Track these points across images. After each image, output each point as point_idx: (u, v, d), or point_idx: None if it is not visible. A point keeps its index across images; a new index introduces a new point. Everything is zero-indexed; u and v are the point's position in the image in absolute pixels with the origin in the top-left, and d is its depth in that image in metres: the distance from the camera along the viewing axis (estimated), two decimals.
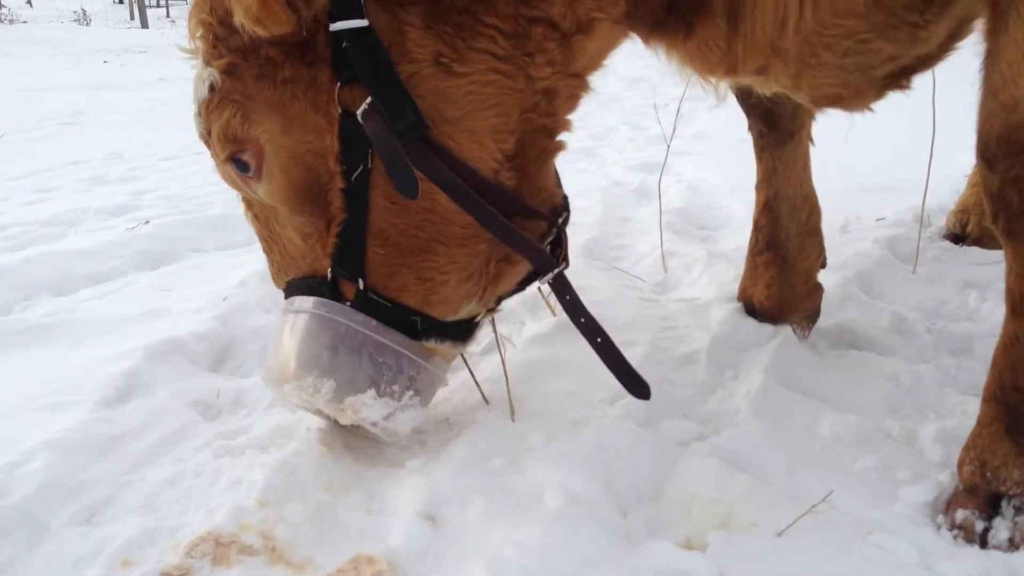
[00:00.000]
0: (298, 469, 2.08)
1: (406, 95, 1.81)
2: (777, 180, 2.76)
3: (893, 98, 2.31)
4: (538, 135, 1.97)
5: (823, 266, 2.94)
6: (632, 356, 2.53)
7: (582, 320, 2.05)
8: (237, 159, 1.95)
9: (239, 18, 1.76)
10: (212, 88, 1.90)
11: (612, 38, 2.01)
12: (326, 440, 2.23)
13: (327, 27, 1.80)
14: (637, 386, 2.06)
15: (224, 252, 4.00)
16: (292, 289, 2.10)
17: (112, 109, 9.09)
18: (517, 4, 1.81)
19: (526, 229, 1.99)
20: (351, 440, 2.26)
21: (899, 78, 2.16)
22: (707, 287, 3.23)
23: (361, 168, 1.88)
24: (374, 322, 2.00)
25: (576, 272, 3.39)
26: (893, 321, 2.82)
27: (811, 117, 2.77)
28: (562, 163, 2.22)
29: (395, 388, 2.05)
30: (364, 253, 1.96)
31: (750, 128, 2.78)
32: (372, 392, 2.03)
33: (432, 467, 2.09)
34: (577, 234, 3.94)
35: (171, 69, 13.15)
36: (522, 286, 2.20)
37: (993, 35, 1.75)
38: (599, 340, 2.04)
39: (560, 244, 2.14)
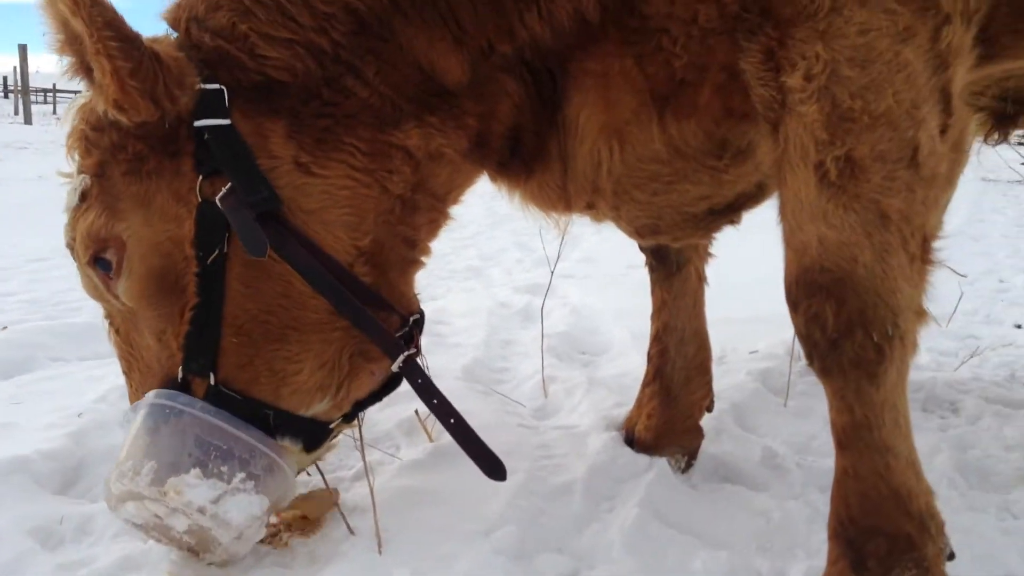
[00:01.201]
0: None
1: (262, 178, 1.94)
2: (666, 313, 2.87)
3: (766, 235, 2.42)
4: (398, 242, 2.13)
5: (709, 409, 2.99)
6: (508, 486, 2.50)
7: (434, 401, 2.11)
8: (100, 258, 2.01)
9: (101, 105, 1.89)
10: (83, 196, 2.01)
11: (463, 171, 2.22)
12: (176, 573, 2.08)
13: (190, 124, 1.93)
14: (492, 467, 2.12)
15: (87, 363, 3.79)
16: None
17: None
18: (375, 131, 1.99)
19: (378, 320, 2.07)
20: (204, 572, 2.12)
21: (727, 214, 2.46)
22: (586, 414, 3.22)
23: (217, 252, 1.96)
24: (204, 403, 1.98)
25: (457, 395, 3.32)
26: (765, 455, 2.85)
27: (699, 255, 2.91)
28: (450, 281, 2.25)
29: (223, 469, 1.97)
30: (217, 343, 1.99)
31: (645, 261, 2.92)
32: (196, 471, 1.95)
33: None
34: (460, 355, 3.92)
35: (51, 166, 12.78)
36: (380, 395, 2.23)
37: (779, 190, 1.92)
38: (452, 421, 2.11)
39: (412, 340, 2.21)
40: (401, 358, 2.07)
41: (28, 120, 29.17)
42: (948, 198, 3.48)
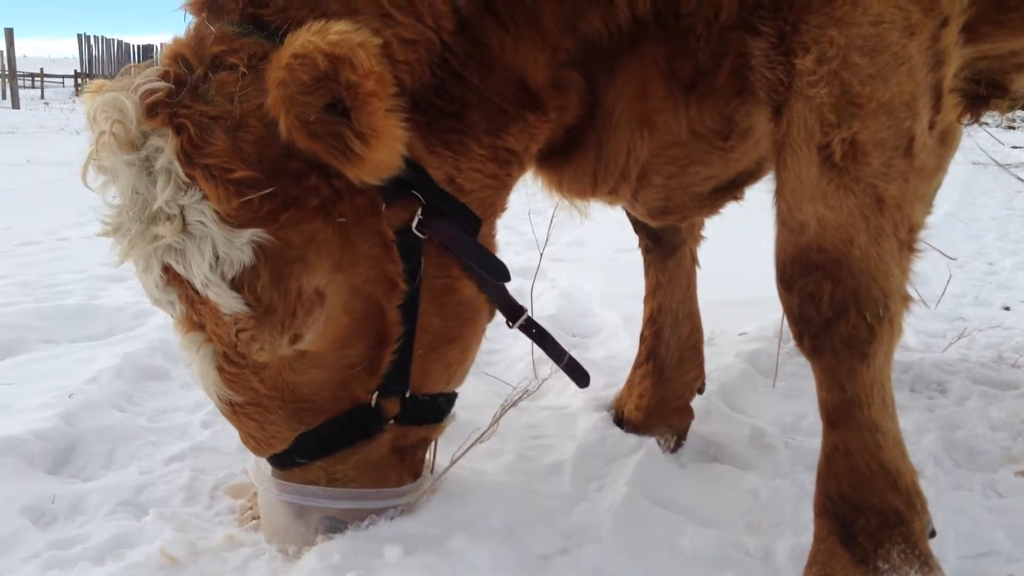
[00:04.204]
0: None
1: (451, 196, 1.97)
2: (661, 294, 2.91)
3: (757, 219, 2.45)
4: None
5: (700, 391, 3.02)
6: (498, 465, 2.51)
7: (548, 345, 2.29)
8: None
9: (353, 172, 1.73)
10: (259, 252, 1.74)
11: None
12: (170, 550, 2.10)
13: None
14: (579, 376, 2.35)
15: (77, 345, 3.78)
16: (307, 442, 2.02)
17: None
18: (493, 137, 2.03)
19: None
20: (198, 546, 2.14)
21: (731, 191, 2.57)
22: (576, 395, 3.23)
23: (417, 280, 1.96)
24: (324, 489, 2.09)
25: None
26: (753, 435, 2.87)
27: (693, 237, 2.94)
28: None
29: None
30: (411, 361, 2.02)
31: (639, 243, 2.95)
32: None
33: None
34: None
35: (40, 151, 12.71)
36: None
37: (778, 171, 1.96)
38: (563, 362, 2.33)
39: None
40: (523, 318, 2.21)
41: (16, 104, 28.99)
42: (938, 183, 3.52)
